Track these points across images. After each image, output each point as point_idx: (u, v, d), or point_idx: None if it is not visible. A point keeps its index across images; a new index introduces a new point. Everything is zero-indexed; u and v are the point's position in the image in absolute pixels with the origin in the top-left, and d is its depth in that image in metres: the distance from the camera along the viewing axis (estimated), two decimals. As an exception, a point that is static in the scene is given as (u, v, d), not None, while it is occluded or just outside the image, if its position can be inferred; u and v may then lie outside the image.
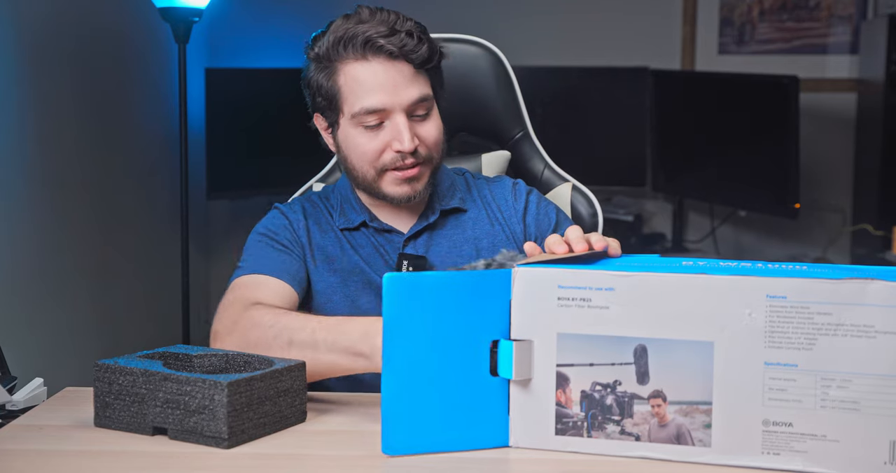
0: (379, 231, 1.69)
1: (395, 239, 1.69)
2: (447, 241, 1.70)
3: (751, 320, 1.15)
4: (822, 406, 1.15)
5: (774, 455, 1.16)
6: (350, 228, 1.69)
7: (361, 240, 1.69)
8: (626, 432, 1.20)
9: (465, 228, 1.71)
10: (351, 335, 1.36)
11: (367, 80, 1.58)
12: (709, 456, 1.17)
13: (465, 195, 1.74)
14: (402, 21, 1.60)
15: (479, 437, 1.22)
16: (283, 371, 1.29)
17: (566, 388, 1.21)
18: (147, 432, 1.26)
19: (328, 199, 1.74)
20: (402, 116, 1.59)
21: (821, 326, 1.14)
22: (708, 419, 1.17)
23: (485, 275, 1.21)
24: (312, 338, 1.39)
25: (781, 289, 1.15)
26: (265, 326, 1.44)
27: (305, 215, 1.70)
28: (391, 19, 1.60)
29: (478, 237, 1.70)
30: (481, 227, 1.72)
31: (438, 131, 1.64)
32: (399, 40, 1.58)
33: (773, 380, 1.15)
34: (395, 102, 1.58)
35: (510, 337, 1.22)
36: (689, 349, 1.17)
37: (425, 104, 1.61)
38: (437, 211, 1.70)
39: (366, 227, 1.69)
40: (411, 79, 1.59)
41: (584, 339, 1.20)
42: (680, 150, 4.09)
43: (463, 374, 1.21)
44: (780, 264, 1.23)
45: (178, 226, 3.34)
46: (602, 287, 1.19)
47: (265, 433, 1.27)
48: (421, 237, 1.69)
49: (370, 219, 1.69)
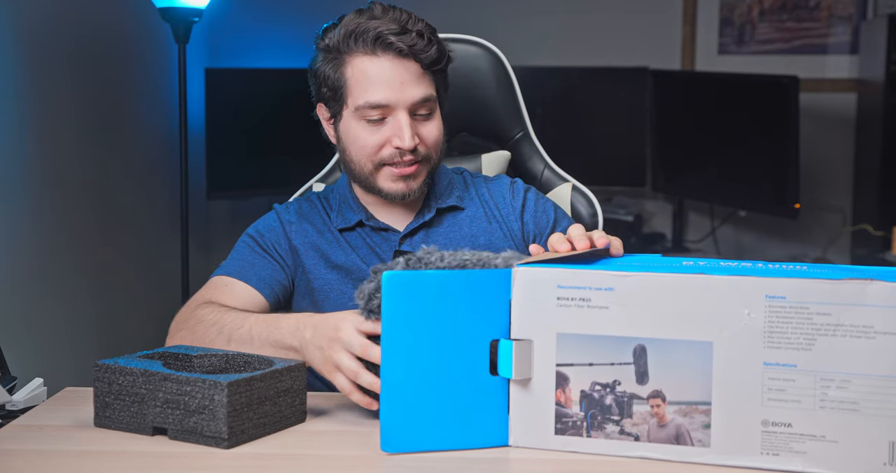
0: (375, 230, 1.70)
1: (392, 237, 1.70)
2: (444, 239, 1.70)
3: (750, 320, 1.15)
4: (821, 407, 1.14)
5: (774, 456, 1.16)
6: (346, 228, 1.70)
7: (357, 241, 1.70)
8: (625, 432, 1.20)
9: (461, 226, 1.72)
10: (283, 330, 1.42)
11: (375, 75, 1.60)
12: (708, 457, 1.17)
13: (462, 193, 1.75)
14: (413, 21, 1.62)
15: (478, 436, 1.23)
16: (283, 371, 1.29)
17: (566, 388, 1.21)
18: (147, 432, 1.26)
19: (327, 199, 1.75)
20: (405, 114, 1.60)
21: (820, 326, 1.14)
22: (707, 419, 1.17)
23: (484, 275, 1.21)
24: (249, 334, 1.45)
25: (781, 290, 1.15)
26: (209, 323, 1.51)
27: (301, 215, 1.72)
28: (403, 18, 1.61)
29: (475, 235, 1.71)
30: (478, 225, 1.72)
31: (439, 132, 1.66)
32: (410, 39, 1.59)
33: (773, 380, 1.15)
34: (400, 99, 1.60)
35: (510, 337, 1.22)
36: (688, 349, 1.17)
37: (429, 104, 1.63)
38: (433, 209, 1.71)
39: (361, 227, 1.70)
40: (418, 78, 1.61)
41: (584, 339, 1.20)
42: (680, 150, 4.09)
43: (462, 373, 1.21)
44: (780, 264, 1.23)
45: (178, 226, 3.34)
46: (602, 287, 1.19)
47: (265, 433, 1.27)
48: (417, 235, 1.70)
49: (367, 217, 1.70)
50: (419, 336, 1.19)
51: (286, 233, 1.70)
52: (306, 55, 1.70)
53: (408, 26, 1.60)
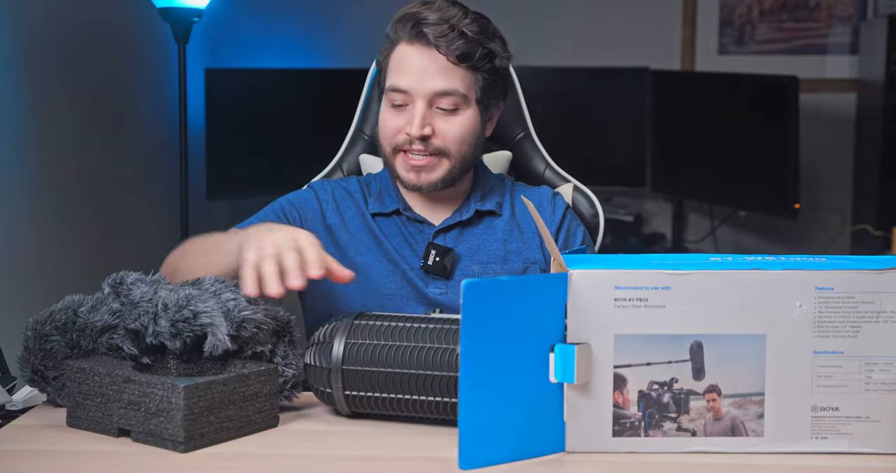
0: (411, 220, 1.73)
1: (427, 229, 1.73)
2: (477, 239, 1.73)
3: (801, 311, 1.20)
4: (865, 390, 1.21)
5: (822, 439, 1.21)
6: (383, 213, 1.73)
7: (392, 229, 1.73)
8: (682, 428, 1.21)
9: (496, 230, 1.75)
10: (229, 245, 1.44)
11: (403, 61, 1.65)
12: (762, 446, 1.21)
13: (501, 200, 1.77)
14: (460, 16, 1.65)
15: (539, 444, 1.20)
16: (251, 375, 1.27)
17: (623, 389, 1.21)
18: (113, 433, 1.26)
19: (368, 185, 1.78)
20: (423, 103, 1.64)
21: (864, 314, 1.20)
22: (761, 409, 1.21)
23: (542, 279, 1.18)
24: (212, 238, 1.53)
25: (829, 281, 1.20)
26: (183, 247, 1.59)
27: (335, 198, 1.75)
28: (449, 13, 1.65)
29: (507, 240, 1.74)
30: (512, 232, 1.75)
31: (462, 129, 1.67)
32: (440, 30, 1.63)
33: (821, 368, 1.21)
34: (418, 88, 1.64)
35: (566, 341, 1.20)
36: (742, 343, 1.20)
37: (452, 99, 1.65)
38: (472, 210, 1.74)
39: (398, 215, 1.73)
40: (443, 70, 1.63)
41: (641, 339, 1.20)
42: (680, 150, 4.09)
43: (524, 381, 1.18)
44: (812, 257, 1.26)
45: (178, 226, 3.34)
46: (658, 286, 1.20)
47: (229, 437, 1.25)
48: (452, 231, 1.73)
49: (404, 207, 1.73)
50: (492, 344, 1.15)
51: (322, 211, 1.74)
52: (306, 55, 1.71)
53: (447, 18, 1.63)
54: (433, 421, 1.32)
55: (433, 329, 1.31)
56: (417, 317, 1.34)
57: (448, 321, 1.32)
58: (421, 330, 1.31)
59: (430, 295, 1.68)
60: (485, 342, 1.14)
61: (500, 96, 1.75)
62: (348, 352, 1.31)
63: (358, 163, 1.97)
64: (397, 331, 1.32)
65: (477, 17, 1.68)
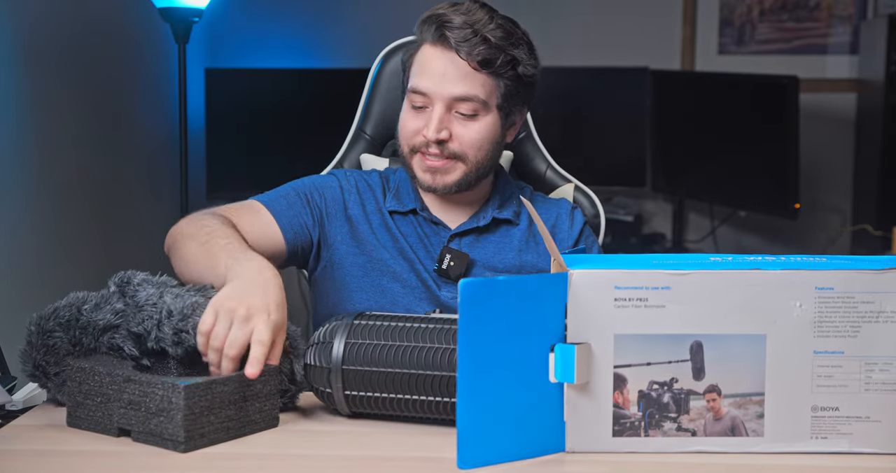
0: (427, 221, 1.73)
1: (442, 232, 1.73)
2: (493, 245, 1.73)
3: (801, 311, 1.20)
4: (865, 390, 1.21)
5: (822, 439, 1.22)
6: (400, 212, 1.73)
7: (408, 228, 1.73)
8: (682, 428, 1.21)
9: (512, 239, 1.75)
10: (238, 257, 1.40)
11: (424, 63, 1.65)
12: (762, 446, 1.21)
13: (519, 209, 1.77)
14: (486, 21, 1.63)
15: (539, 444, 1.21)
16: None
17: (623, 389, 1.21)
18: (113, 433, 1.26)
19: (388, 180, 1.78)
20: (441, 107, 1.63)
21: (864, 314, 1.20)
22: (760, 409, 1.21)
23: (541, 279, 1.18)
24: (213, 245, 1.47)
25: (829, 281, 1.20)
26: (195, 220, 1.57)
27: (358, 189, 1.75)
28: (474, 17, 1.63)
29: (522, 250, 1.74)
30: (528, 243, 1.75)
31: (480, 135, 1.66)
32: (462, 35, 1.62)
33: (822, 368, 1.21)
34: (437, 92, 1.63)
35: (566, 341, 1.20)
36: (743, 343, 1.20)
37: (471, 104, 1.64)
38: (489, 217, 1.74)
39: (415, 215, 1.73)
40: (464, 75, 1.63)
41: (641, 339, 1.20)
42: (680, 150, 4.09)
43: (523, 381, 1.18)
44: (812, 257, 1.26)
45: (178, 226, 3.33)
46: (658, 286, 1.20)
47: (229, 437, 1.25)
48: (467, 236, 1.73)
49: (421, 207, 1.73)
50: (490, 344, 1.15)
51: (344, 201, 1.74)
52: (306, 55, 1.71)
53: (471, 23, 1.62)
54: (433, 421, 1.32)
55: (433, 329, 1.31)
56: (417, 317, 1.34)
57: (448, 321, 1.32)
58: (421, 330, 1.31)
59: (442, 298, 1.68)
60: (483, 342, 1.14)
61: (524, 103, 1.73)
62: (348, 352, 1.31)
63: (359, 162, 1.97)
64: (397, 331, 1.32)
65: (503, 23, 1.66)
